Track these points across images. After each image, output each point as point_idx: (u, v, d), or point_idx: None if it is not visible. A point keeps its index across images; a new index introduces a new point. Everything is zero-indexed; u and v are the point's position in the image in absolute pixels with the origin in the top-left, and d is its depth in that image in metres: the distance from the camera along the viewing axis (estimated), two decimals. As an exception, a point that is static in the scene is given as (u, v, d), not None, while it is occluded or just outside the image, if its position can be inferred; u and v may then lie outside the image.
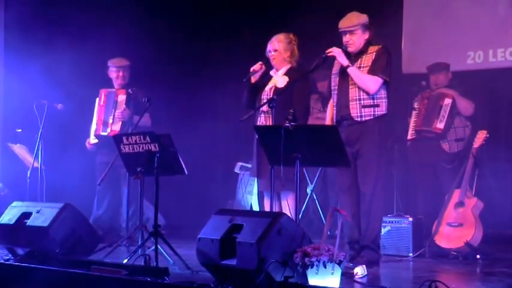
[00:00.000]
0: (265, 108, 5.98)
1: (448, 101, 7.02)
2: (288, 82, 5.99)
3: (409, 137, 7.23)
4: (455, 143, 7.07)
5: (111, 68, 7.52)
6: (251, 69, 6.06)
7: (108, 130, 7.35)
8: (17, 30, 8.25)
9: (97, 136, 7.45)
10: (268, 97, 5.99)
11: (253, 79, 6.08)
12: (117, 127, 7.32)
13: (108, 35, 8.17)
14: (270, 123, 5.84)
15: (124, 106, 7.33)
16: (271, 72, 6.17)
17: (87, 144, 7.56)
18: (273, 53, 6.10)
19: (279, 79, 6.07)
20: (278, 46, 6.09)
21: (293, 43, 6.15)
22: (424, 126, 7.08)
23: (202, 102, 8.85)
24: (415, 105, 7.21)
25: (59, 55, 8.04)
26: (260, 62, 6.07)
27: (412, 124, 7.20)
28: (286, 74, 6.08)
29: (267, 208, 6.09)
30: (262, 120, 5.99)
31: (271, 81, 6.12)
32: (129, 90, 7.37)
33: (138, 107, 7.22)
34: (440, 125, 6.98)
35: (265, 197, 6.17)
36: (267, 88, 6.07)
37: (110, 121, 7.36)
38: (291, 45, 6.13)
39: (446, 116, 6.98)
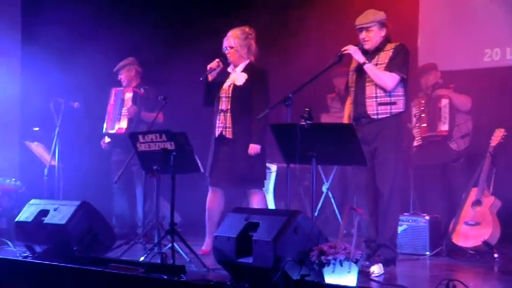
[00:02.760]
0: (224, 106, 5.99)
1: (444, 102, 7.04)
2: (246, 79, 5.98)
3: (415, 144, 7.18)
4: (462, 140, 7.06)
5: None
6: (208, 67, 6.00)
7: (116, 127, 7.42)
8: (34, 31, 8.32)
9: (107, 134, 7.52)
10: (227, 95, 6.01)
11: (210, 77, 6.04)
12: (123, 124, 7.39)
13: (121, 34, 8.22)
14: (229, 123, 5.95)
15: (130, 103, 7.39)
16: (229, 69, 6.12)
17: (102, 144, 7.61)
18: (229, 50, 6.05)
19: (238, 76, 6.04)
20: (234, 43, 6.03)
21: (250, 37, 6.09)
22: (429, 132, 7.07)
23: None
24: (413, 110, 7.18)
25: (75, 54, 8.09)
26: (217, 60, 6.00)
27: (416, 131, 7.16)
28: (244, 70, 6.05)
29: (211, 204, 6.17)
30: (222, 119, 6.02)
31: (229, 78, 6.07)
32: (141, 89, 7.43)
33: (149, 105, 7.28)
34: (444, 127, 7.00)
35: (212, 192, 6.20)
36: (226, 86, 6.04)
37: (118, 119, 7.42)
38: (247, 40, 6.07)
39: (447, 117, 6.99)
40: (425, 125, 7.09)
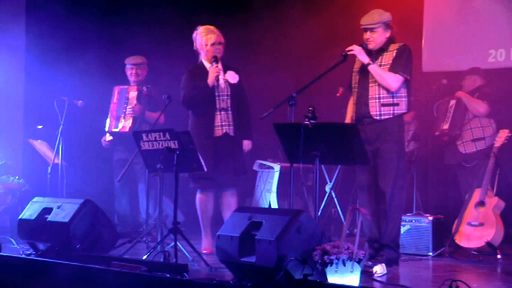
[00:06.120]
0: (224, 105, 6.06)
1: (452, 102, 7.05)
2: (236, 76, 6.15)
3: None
4: (472, 143, 6.97)
5: (126, 66, 7.58)
6: (217, 74, 6.04)
7: (120, 126, 7.40)
8: (38, 29, 8.31)
9: (110, 133, 7.50)
10: (226, 93, 6.08)
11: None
12: (128, 123, 7.36)
13: (127, 33, 8.22)
14: (231, 121, 6.06)
15: (135, 102, 7.37)
16: (212, 67, 6.09)
17: (103, 142, 7.60)
18: (221, 45, 6.14)
19: (230, 74, 6.14)
20: (223, 39, 6.16)
21: None
22: (436, 131, 7.15)
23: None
24: (435, 113, 7.23)
25: (79, 52, 8.10)
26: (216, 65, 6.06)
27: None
28: (227, 67, 6.18)
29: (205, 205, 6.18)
30: (224, 117, 6.08)
31: (219, 76, 6.08)
32: (144, 88, 7.42)
33: (153, 104, 7.28)
34: (445, 126, 7.02)
35: (203, 194, 6.18)
36: (221, 83, 6.08)
37: (122, 117, 7.41)
38: None
39: (450, 116, 7.00)
40: (436, 124, 7.15)
